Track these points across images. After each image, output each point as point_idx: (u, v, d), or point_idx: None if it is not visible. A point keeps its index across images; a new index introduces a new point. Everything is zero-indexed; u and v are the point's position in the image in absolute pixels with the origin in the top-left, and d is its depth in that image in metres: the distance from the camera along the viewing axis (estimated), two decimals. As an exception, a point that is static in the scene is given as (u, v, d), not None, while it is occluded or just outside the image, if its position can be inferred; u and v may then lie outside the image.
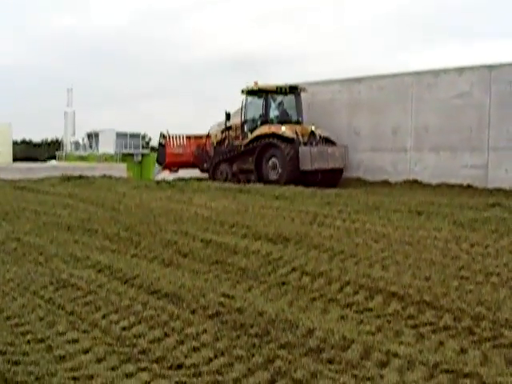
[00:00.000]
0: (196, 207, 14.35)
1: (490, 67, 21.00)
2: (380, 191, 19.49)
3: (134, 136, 74.30)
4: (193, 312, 6.75)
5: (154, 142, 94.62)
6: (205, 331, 6.13)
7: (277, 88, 23.86)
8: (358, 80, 25.10)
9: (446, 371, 5.13)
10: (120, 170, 39.39)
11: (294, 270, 8.51)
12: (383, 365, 5.32)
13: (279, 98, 24.47)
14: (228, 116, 24.78)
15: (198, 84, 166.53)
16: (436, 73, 22.49)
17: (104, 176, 24.25)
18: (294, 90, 24.18)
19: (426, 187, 20.85)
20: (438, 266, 8.61)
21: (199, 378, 5.11)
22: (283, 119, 23.99)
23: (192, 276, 8.29)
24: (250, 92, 24.56)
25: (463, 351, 5.59)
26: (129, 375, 5.17)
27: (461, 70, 21.73)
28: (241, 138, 24.62)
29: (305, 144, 22.48)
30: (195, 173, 27.59)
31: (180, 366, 5.35)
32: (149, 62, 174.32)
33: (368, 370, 5.21)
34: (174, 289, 7.57)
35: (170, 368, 5.32)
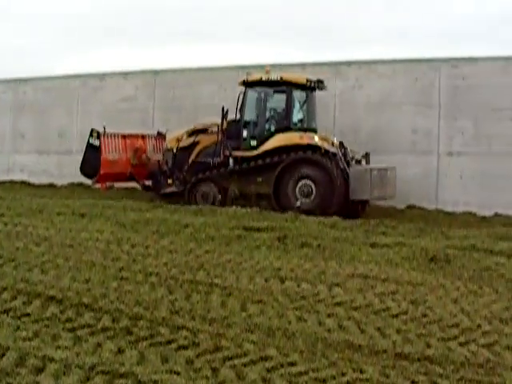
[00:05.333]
0: None
1: (155, 72, 21.60)
2: (45, 194, 18.99)
3: None
4: None
5: None
6: None
7: (307, 81, 16.59)
8: (24, 81, 24.26)
9: (103, 372, 5.09)
10: None
11: None
12: (39, 370, 5.14)
13: (301, 95, 17.07)
14: (226, 113, 16.72)
15: None
16: (102, 76, 22.53)
17: None
18: (321, 85, 17.22)
19: (91, 190, 20.66)
20: (98, 268, 8.60)
21: None
22: (304, 125, 17.10)
23: None
24: (255, 83, 16.90)
25: (120, 351, 5.59)
26: None
27: (126, 74, 22.05)
28: (229, 146, 16.75)
29: (357, 162, 16.36)
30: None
31: None
32: None
33: (23, 377, 4.99)
34: None
35: None
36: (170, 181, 17.43)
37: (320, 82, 16.98)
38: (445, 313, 7.11)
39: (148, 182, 18.43)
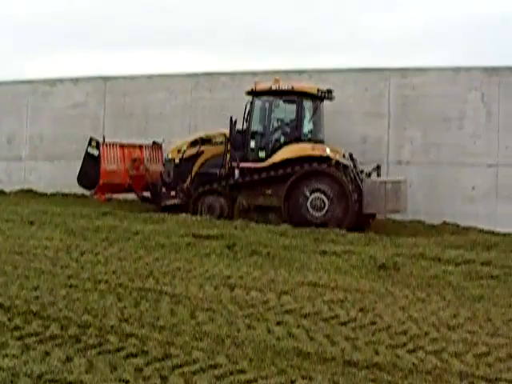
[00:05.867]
0: None
1: (105, 79, 21.45)
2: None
3: None
4: None
5: None
6: None
7: (318, 91, 16.12)
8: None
9: (51, 381, 5.06)
10: None
11: None
12: (-14, 381, 5.06)
13: (310, 105, 16.41)
14: (234, 123, 16.02)
15: None
16: (52, 82, 22.28)
17: None
18: (329, 95, 16.60)
19: (40, 196, 20.47)
20: (47, 275, 8.53)
21: None
22: (313, 136, 16.42)
23: None
24: (263, 93, 16.33)
25: (69, 359, 5.54)
26: None
27: (77, 81, 21.86)
28: (237, 157, 16.07)
29: (368, 175, 16.01)
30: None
31: None
32: None
33: (-32, 387, 4.92)
34: None
35: None
36: (173, 193, 16.72)
37: (329, 91, 16.45)
38: (393, 320, 7.20)
39: (146, 194, 17.84)
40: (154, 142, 18.76)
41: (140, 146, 18.36)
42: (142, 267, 9.36)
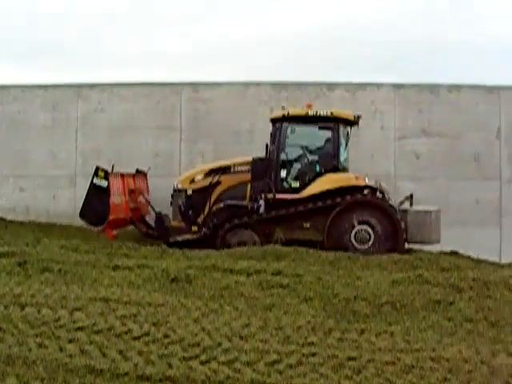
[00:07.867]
0: None
1: None
2: None
3: None
4: None
5: None
6: None
7: (354, 118, 15.05)
8: None
9: None
10: None
11: None
12: None
13: (344, 132, 15.20)
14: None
15: None
16: None
17: None
18: (358, 120, 15.42)
19: None
20: None
21: None
22: (345, 165, 15.37)
23: None
24: (295, 119, 14.84)
25: None
26: None
27: None
28: (272, 189, 14.59)
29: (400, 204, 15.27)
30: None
31: None
32: None
33: None
34: None
35: None
36: (194, 228, 15.03)
37: (359, 117, 15.27)
38: (186, 332, 7.27)
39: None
40: (137, 171, 16.97)
41: (133, 176, 16.50)
42: None
